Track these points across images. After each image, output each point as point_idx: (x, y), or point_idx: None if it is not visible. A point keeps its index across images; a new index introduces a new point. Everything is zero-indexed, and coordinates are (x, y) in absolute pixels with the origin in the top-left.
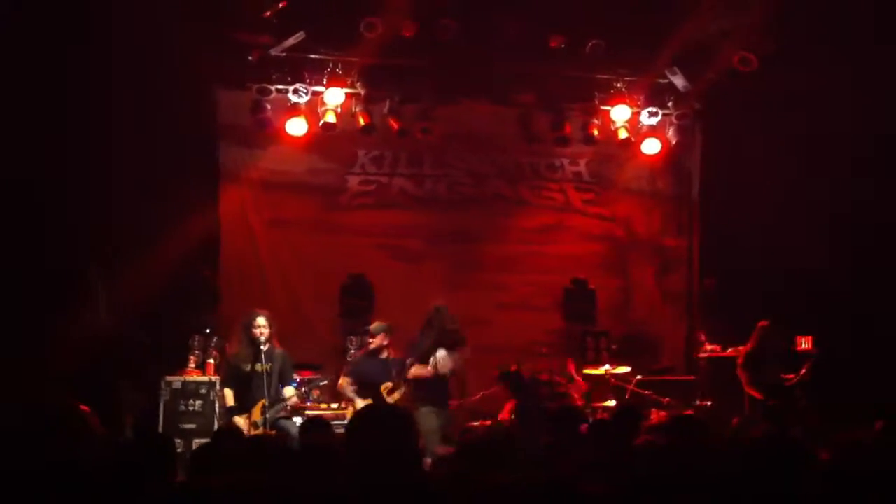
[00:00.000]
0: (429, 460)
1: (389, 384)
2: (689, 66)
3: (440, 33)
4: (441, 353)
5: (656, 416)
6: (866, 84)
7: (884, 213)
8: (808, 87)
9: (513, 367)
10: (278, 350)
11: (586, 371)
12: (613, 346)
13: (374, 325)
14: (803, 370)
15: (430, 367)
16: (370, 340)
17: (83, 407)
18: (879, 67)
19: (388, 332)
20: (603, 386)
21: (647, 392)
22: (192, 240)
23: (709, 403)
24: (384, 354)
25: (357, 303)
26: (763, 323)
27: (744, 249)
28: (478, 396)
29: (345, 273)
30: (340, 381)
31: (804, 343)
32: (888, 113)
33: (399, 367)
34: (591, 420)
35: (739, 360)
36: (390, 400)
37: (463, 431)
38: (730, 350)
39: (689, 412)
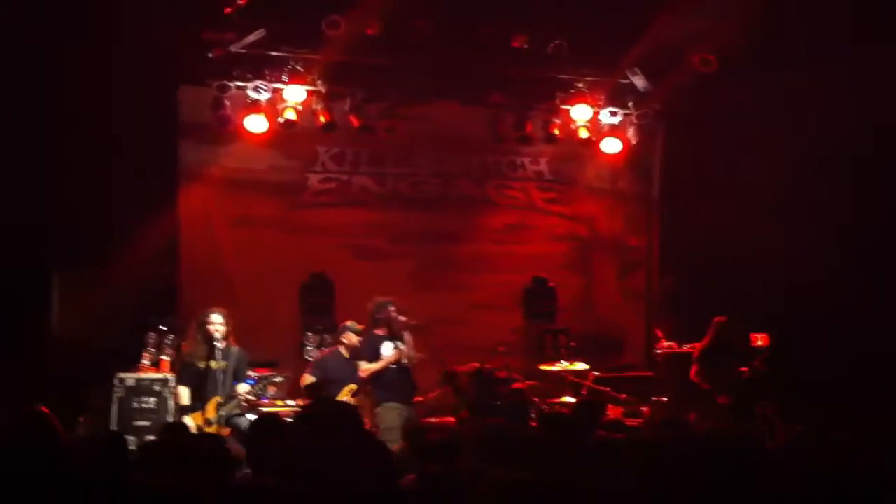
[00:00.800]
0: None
1: (354, 386)
2: (651, 67)
3: (413, 34)
4: (386, 345)
5: (613, 412)
6: (828, 87)
7: (843, 213)
8: (769, 90)
9: (452, 370)
10: (235, 348)
11: (543, 368)
12: (572, 344)
13: (350, 325)
14: (755, 364)
15: (379, 362)
16: (342, 339)
17: (43, 409)
18: (842, 71)
19: (359, 333)
20: (560, 383)
21: (604, 388)
22: (153, 238)
23: (665, 399)
24: (352, 355)
25: (317, 301)
26: (719, 319)
27: (703, 249)
28: (434, 394)
29: (307, 272)
30: (303, 377)
31: (759, 340)
32: (849, 115)
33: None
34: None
35: (695, 356)
36: (353, 402)
37: (413, 430)
38: (686, 346)
39: (646, 408)
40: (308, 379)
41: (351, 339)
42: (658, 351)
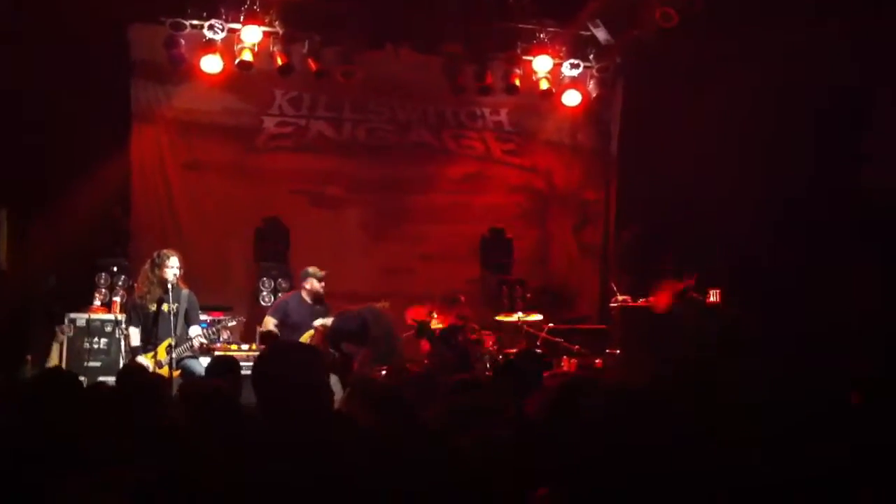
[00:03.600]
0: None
1: (313, 332)
2: (613, 19)
3: None
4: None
5: (567, 363)
6: (787, 50)
7: (800, 173)
8: (729, 46)
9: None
10: (185, 290)
11: (499, 318)
12: (528, 295)
13: (312, 270)
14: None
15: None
16: (304, 285)
17: None
18: (803, 32)
19: (321, 279)
20: (515, 333)
21: (558, 340)
22: (104, 179)
23: (618, 352)
24: (313, 300)
25: (272, 247)
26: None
27: (659, 204)
28: None
29: (260, 217)
30: (265, 320)
31: (713, 296)
32: (811, 73)
33: (325, 315)
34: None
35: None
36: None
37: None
38: (640, 301)
39: (599, 361)
40: (269, 322)
41: (313, 284)
42: (613, 305)
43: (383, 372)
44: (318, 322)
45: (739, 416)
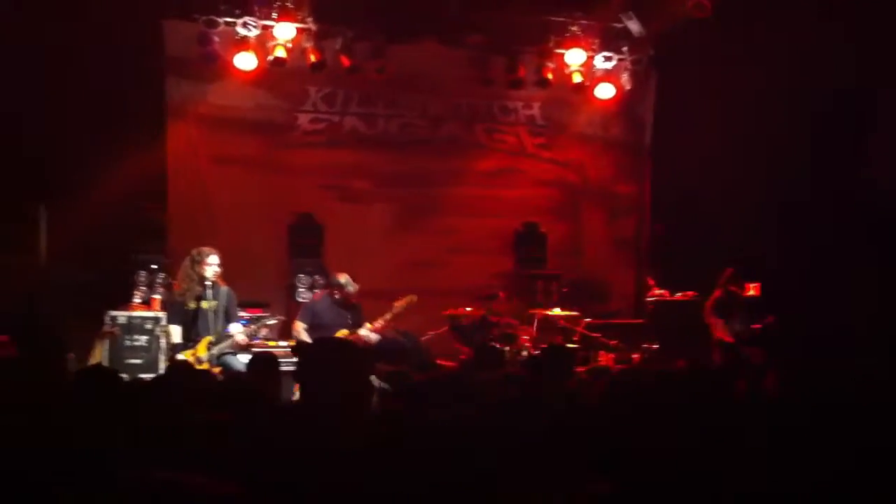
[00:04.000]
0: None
1: (346, 332)
2: (645, 11)
3: None
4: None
5: (604, 358)
6: (825, 39)
7: (832, 168)
8: (764, 40)
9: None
10: (224, 287)
11: (533, 313)
12: (564, 290)
13: (343, 281)
14: (770, 319)
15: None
16: (334, 293)
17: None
18: (840, 21)
19: (353, 289)
20: (552, 329)
21: (595, 335)
22: (139, 176)
23: (656, 346)
24: (342, 301)
25: (307, 243)
26: (729, 270)
27: (694, 197)
28: (426, 337)
29: (290, 213)
30: (295, 325)
31: (752, 290)
32: (841, 70)
33: (356, 316)
34: None
35: (708, 306)
36: None
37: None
38: (678, 295)
39: (637, 355)
40: (299, 326)
41: (347, 291)
42: (649, 299)
43: None
44: (362, 331)
45: (745, 416)
